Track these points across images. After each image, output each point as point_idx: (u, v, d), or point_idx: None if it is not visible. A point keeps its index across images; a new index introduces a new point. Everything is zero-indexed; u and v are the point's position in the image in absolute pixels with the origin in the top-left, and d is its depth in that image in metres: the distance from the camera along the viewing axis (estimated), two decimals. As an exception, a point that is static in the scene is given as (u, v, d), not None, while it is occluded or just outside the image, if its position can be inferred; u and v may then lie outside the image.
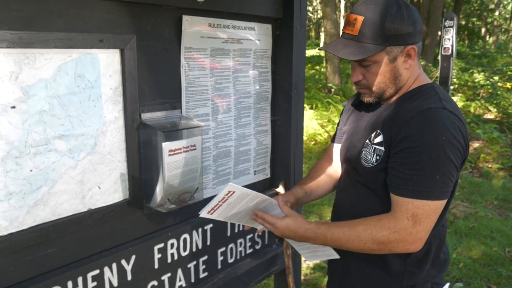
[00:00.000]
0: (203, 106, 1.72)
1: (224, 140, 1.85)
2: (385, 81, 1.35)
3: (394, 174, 1.28)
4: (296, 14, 1.94)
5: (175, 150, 1.50)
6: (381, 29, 1.27)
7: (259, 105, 1.99)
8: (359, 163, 1.40)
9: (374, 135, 1.37)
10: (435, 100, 1.30)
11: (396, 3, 1.29)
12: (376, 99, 1.40)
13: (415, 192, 1.23)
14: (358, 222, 1.29)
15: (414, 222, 1.23)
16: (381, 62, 1.31)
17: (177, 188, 1.55)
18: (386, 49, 1.29)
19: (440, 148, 1.22)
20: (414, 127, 1.25)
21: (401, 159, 1.26)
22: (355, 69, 1.37)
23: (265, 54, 1.96)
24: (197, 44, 1.65)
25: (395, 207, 1.26)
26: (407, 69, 1.35)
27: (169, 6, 1.53)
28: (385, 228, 1.24)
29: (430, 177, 1.22)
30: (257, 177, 2.05)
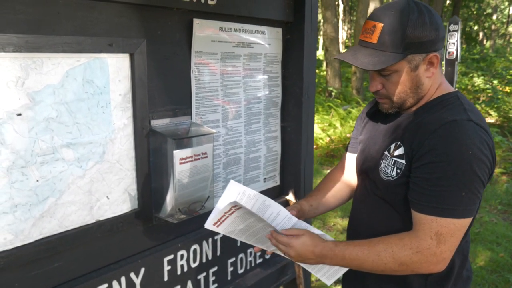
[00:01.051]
0: (213, 112, 1.67)
1: (234, 147, 1.79)
2: (406, 91, 1.27)
3: (416, 190, 1.20)
4: (308, 18, 1.90)
5: (186, 158, 1.45)
6: (402, 37, 1.20)
7: (269, 110, 1.93)
8: (378, 175, 1.34)
9: (394, 147, 1.30)
10: (460, 111, 1.23)
11: (418, 9, 1.21)
12: (396, 109, 1.33)
13: (439, 209, 1.15)
14: (378, 240, 1.21)
15: (438, 241, 1.16)
16: (402, 71, 1.24)
17: (188, 198, 1.49)
18: (407, 57, 1.22)
19: (467, 163, 1.14)
20: (438, 140, 1.17)
21: (423, 174, 1.18)
22: (374, 78, 1.30)
23: (275, 59, 1.91)
24: (208, 48, 1.59)
25: (418, 225, 1.19)
26: (429, 77, 1.28)
27: (180, 9, 1.47)
28: (407, 248, 1.17)
29: (455, 194, 1.15)
30: (266, 184, 2.00)
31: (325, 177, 1.69)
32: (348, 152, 1.66)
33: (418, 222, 1.19)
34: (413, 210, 1.21)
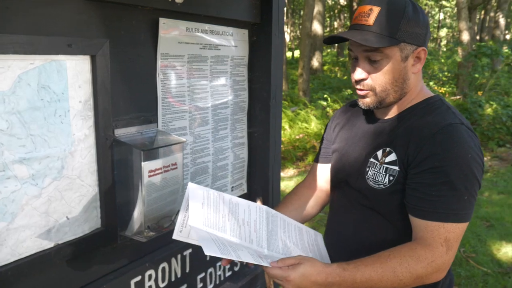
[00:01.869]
0: (180, 119, 1.55)
1: (202, 155, 1.68)
2: (392, 82, 1.22)
3: (418, 197, 1.16)
4: (275, 19, 1.82)
5: (156, 170, 1.32)
6: (398, 23, 1.17)
7: (236, 116, 1.84)
8: (365, 184, 1.28)
9: (383, 154, 1.26)
10: (450, 114, 1.22)
11: (412, 4, 1.21)
12: (377, 104, 1.27)
13: (446, 215, 1.13)
14: (389, 255, 1.13)
15: (447, 248, 1.13)
16: (393, 59, 1.20)
17: (157, 213, 1.37)
18: (400, 45, 1.19)
19: (467, 166, 1.13)
20: (438, 145, 1.15)
21: (426, 179, 1.15)
22: (361, 65, 1.24)
23: (242, 62, 1.82)
24: (174, 50, 1.47)
25: (424, 232, 1.15)
26: (415, 74, 1.26)
27: (145, 8, 1.34)
28: (423, 259, 1.11)
29: (459, 198, 1.13)
30: (234, 193, 1.90)
31: (291, 192, 1.61)
32: (319, 163, 1.59)
33: (424, 229, 1.15)
34: (416, 217, 1.17)
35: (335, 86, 13.01)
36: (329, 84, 13.47)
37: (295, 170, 6.45)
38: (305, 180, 1.63)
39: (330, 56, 27.51)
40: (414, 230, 1.19)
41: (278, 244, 1.22)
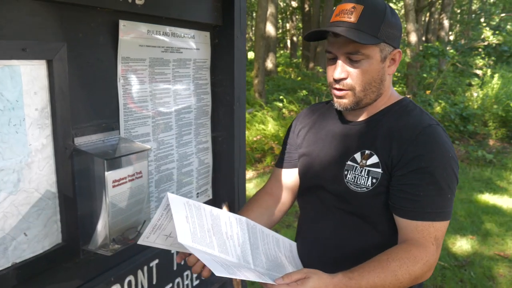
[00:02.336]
0: (143, 125, 1.49)
1: (166, 162, 1.62)
2: (371, 82, 1.23)
3: (406, 198, 1.18)
4: (237, 21, 1.79)
5: (120, 180, 1.26)
6: (381, 22, 1.18)
7: (200, 120, 1.80)
8: (344, 188, 1.27)
9: (362, 156, 1.26)
10: (425, 116, 1.26)
11: (389, 7, 1.23)
12: (354, 105, 1.26)
13: (434, 214, 1.16)
14: (387, 259, 1.12)
15: (437, 246, 1.16)
16: (373, 59, 1.20)
17: (123, 224, 1.30)
18: (380, 45, 1.20)
19: (449, 166, 1.18)
20: (422, 146, 1.17)
21: (412, 180, 1.17)
22: (341, 64, 1.22)
23: (204, 65, 1.78)
24: (135, 54, 1.42)
25: (415, 233, 1.17)
26: (390, 75, 1.28)
27: (104, 9, 1.28)
28: (419, 260, 1.13)
29: (444, 197, 1.17)
30: (199, 199, 1.85)
31: (251, 198, 1.55)
32: (283, 169, 1.56)
33: (414, 230, 1.17)
34: (405, 218, 1.18)
35: (290, 87, 13.12)
36: (284, 86, 13.56)
37: (254, 172, 6.44)
38: (266, 186, 1.59)
39: (283, 57, 27.80)
40: (403, 232, 1.20)
41: (261, 258, 1.18)
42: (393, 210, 1.22)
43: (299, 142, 1.50)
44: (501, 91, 9.50)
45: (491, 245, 4.02)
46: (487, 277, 3.46)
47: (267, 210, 1.50)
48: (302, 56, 21.14)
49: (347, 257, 1.28)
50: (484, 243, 4.05)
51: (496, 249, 3.95)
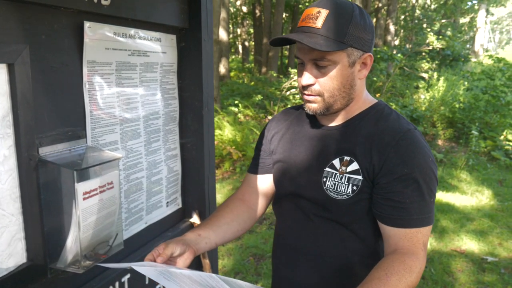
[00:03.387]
0: (111, 133, 1.41)
1: (136, 171, 1.55)
2: (340, 88, 1.21)
3: (392, 206, 1.16)
4: (204, 24, 1.74)
5: (91, 191, 1.18)
6: (346, 27, 1.15)
7: (168, 126, 1.73)
8: (324, 195, 1.24)
9: (341, 163, 1.23)
10: (402, 120, 1.25)
11: (359, 8, 1.20)
12: (324, 111, 1.25)
13: (420, 220, 1.15)
14: (386, 274, 1.07)
15: (424, 251, 1.16)
16: (341, 64, 1.18)
17: (94, 239, 1.22)
18: (347, 50, 1.18)
19: (430, 170, 1.17)
20: (404, 152, 1.16)
21: (397, 188, 1.15)
22: (308, 70, 1.20)
23: (171, 69, 1.71)
24: (102, 57, 1.34)
25: (404, 241, 1.15)
26: (361, 80, 1.26)
27: (68, 9, 1.20)
28: (414, 269, 1.11)
29: (428, 202, 1.16)
30: (169, 209, 1.78)
31: (223, 204, 1.49)
32: (257, 175, 1.52)
33: (403, 237, 1.15)
34: (393, 226, 1.17)
35: (244, 92, 13.12)
36: (238, 90, 13.55)
37: (213, 178, 6.36)
38: (238, 192, 1.55)
39: (235, 62, 27.84)
40: (392, 240, 1.18)
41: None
42: (380, 219, 1.20)
43: (273, 148, 1.47)
44: (447, 93, 9.95)
45: (448, 242, 4.17)
46: (446, 273, 3.58)
47: (238, 217, 1.46)
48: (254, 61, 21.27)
49: (330, 264, 1.26)
50: (441, 240, 4.19)
51: (453, 246, 4.10)
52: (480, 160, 7.13)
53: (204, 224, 1.38)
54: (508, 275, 3.58)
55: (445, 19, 22.86)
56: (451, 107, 9.05)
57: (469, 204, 5.25)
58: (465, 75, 10.77)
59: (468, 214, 4.92)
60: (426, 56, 13.63)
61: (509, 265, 3.74)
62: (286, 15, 26.16)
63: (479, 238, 4.28)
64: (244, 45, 28.00)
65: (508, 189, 5.81)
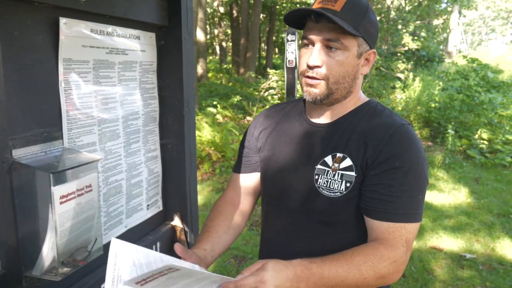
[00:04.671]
0: (89, 134, 1.35)
1: (115, 173, 1.49)
2: (345, 76, 1.19)
3: (378, 198, 1.14)
4: (184, 21, 1.70)
5: (68, 195, 1.12)
6: (363, 17, 1.16)
7: (148, 127, 1.68)
8: (316, 193, 1.22)
9: (334, 160, 1.21)
10: (396, 116, 1.25)
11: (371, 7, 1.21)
12: (324, 97, 1.22)
13: (406, 215, 1.13)
14: (352, 253, 1.09)
15: (407, 248, 1.13)
16: (350, 52, 1.18)
17: (72, 245, 1.17)
18: (359, 39, 1.18)
19: (421, 166, 1.16)
20: (396, 146, 1.15)
21: (386, 180, 1.13)
22: (318, 51, 1.18)
23: (150, 68, 1.67)
24: (78, 55, 1.28)
25: (385, 234, 1.13)
26: (362, 75, 1.26)
27: (42, 4, 1.14)
28: (386, 258, 1.09)
29: (416, 198, 1.15)
30: (150, 211, 1.73)
31: (214, 211, 1.46)
32: (241, 174, 1.49)
33: (386, 231, 1.13)
34: (377, 219, 1.15)
35: (223, 93, 13.07)
36: (216, 91, 13.48)
37: (192, 179, 6.29)
38: (225, 195, 1.52)
39: (213, 63, 27.73)
40: (374, 232, 1.16)
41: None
42: (364, 212, 1.19)
43: (260, 145, 1.44)
44: (423, 93, 10.11)
45: (427, 240, 4.22)
46: (426, 271, 3.61)
47: (234, 224, 1.44)
48: (232, 62, 21.21)
49: None
50: (420, 238, 4.23)
51: (432, 243, 4.15)
52: (456, 158, 7.26)
53: (205, 238, 1.35)
54: (486, 271, 3.63)
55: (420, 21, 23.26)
56: (427, 107, 9.20)
57: (446, 202, 5.32)
58: (440, 75, 10.96)
59: (445, 212, 4.99)
60: (402, 56, 13.84)
61: (486, 262, 3.80)
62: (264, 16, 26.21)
63: (457, 235, 4.35)
64: (222, 46, 27.91)
65: (483, 187, 5.92)
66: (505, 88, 8.76)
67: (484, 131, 8.08)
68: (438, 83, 10.89)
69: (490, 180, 6.25)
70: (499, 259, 3.86)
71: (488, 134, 7.96)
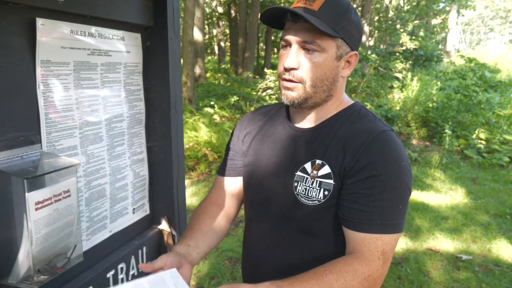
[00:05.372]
0: (69, 137, 1.32)
1: (98, 177, 1.46)
2: (323, 79, 1.14)
3: (355, 208, 1.09)
4: (170, 22, 1.67)
5: (44, 201, 1.09)
6: (342, 17, 1.11)
7: (133, 130, 1.65)
8: (295, 200, 1.18)
9: (313, 167, 1.17)
10: (378, 122, 1.19)
11: (354, 8, 1.17)
12: (302, 101, 1.17)
13: (383, 226, 1.07)
14: (324, 271, 1.04)
15: (384, 260, 1.07)
16: (328, 54, 1.13)
17: (49, 252, 1.14)
18: (338, 40, 1.13)
19: (402, 175, 1.10)
20: (375, 153, 1.09)
21: (363, 189, 1.08)
22: (294, 52, 1.14)
23: (136, 69, 1.63)
24: (57, 57, 1.25)
25: (361, 246, 1.08)
26: (343, 78, 1.21)
27: (18, 4, 1.11)
28: (359, 274, 1.04)
29: (395, 208, 1.09)
30: (136, 215, 1.70)
31: (199, 211, 1.43)
32: (226, 177, 1.45)
33: (361, 242, 1.08)
34: (353, 230, 1.09)
35: (220, 93, 13.04)
36: (214, 91, 13.45)
37: (188, 180, 6.26)
38: (210, 197, 1.49)
39: (211, 63, 27.71)
40: (350, 244, 1.12)
41: None
42: (342, 222, 1.14)
43: (245, 149, 1.41)
44: (421, 93, 10.08)
45: (423, 241, 4.19)
46: (422, 272, 3.58)
47: (219, 223, 1.41)
48: (230, 62, 21.17)
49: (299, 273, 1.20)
50: (416, 239, 4.21)
51: (428, 244, 4.12)
52: (453, 158, 7.24)
53: (190, 235, 1.32)
54: (482, 273, 3.61)
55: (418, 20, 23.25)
56: (425, 107, 9.17)
57: (443, 203, 5.30)
58: (438, 75, 10.94)
59: (442, 212, 4.97)
60: (400, 56, 13.81)
61: (483, 263, 3.78)
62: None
63: (454, 236, 4.32)
64: (220, 46, 27.88)
65: (481, 187, 5.90)
66: (502, 88, 8.74)
67: (481, 130, 8.06)
68: (436, 83, 10.86)
69: (488, 180, 6.23)
70: (495, 260, 3.84)
71: (486, 134, 7.94)
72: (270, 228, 1.26)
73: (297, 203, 1.18)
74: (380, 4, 24.98)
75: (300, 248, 1.20)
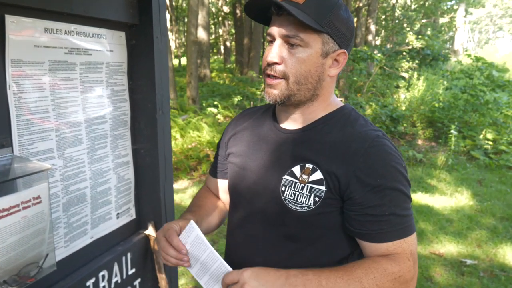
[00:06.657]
0: (44, 140, 1.26)
1: (76, 181, 1.40)
2: (307, 76, 1.09)
3: (371, 221, 1.06)
4: (156, 20, 1.61)
5: (10, 208, 1.03)
6: (328, 12, 1.05)
7: (117, 131, 1.59)
8: (282, 206, 1.12)
9: (302, 171, 1.11)
10: (369, 125, 1.15)
11: (345, 5, 1.11)
12: (285, 98, 1.12)
13: (402, 230, 1.06)
14: (353, 265, 1.03)
15: (413, 261, 1.06)
16: (313, 50, 1.07)
17: (18, 261, 1.08)
18: (324, 36, 1.07)
19: (403, 177, 1.08)
20: (375, 161, 1.06)
21: (373, 201, 1.05)
22: (277, 47, 1.08)
23: (120, 68, 1.57)
24: (30, 56, 1.19)
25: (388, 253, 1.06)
26: (330, 77, 1.14)
27: (-16, 1, 1.05)
28: (390, 274, 1.01)
29: (407, 210, 1.08)
30: (120, 220, 1.64)
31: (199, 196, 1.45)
32: (218, 179, 1.42)
33: (387, 251, 1.06)
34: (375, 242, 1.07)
35: (225, 92, 12.98)
36: (218, 91, 13.39)
37: (190, 181, 6.21)
38: (203, 190, 1.49)
39: (217, 63, 27.67)
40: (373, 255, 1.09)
41: None
42: (359, 236, 1.10)
43: (229, 151, 1.35)
44: (427, 92, 9.95)
45: (426, 245, 4.09)
46: (425, 277, 3.49)
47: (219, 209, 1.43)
48: (236, 62, 21.12)
49: None
50: (419, 243, 4.11)
51: (432, 248, 4.03)
52: (459, 159, 7.12)
53: (192, 212, 1.33)
54: (487, 278, 3.51)
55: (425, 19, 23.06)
56: (431, 107, 9.04)
57: (448, 205, 5.19)
58: (445, 74, 10.80)
59: (447, 215, 4.86)
60: (406, 55, 13.67)
61: (488, 268, 3.68)
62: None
63: (458, 240, 4.22)
64: (226, 46, 27.83)
65: (487, 189, 5.78)
66: (510, 87, 8.59)
67: (489, 131, 7.92)
68: (442, 82, 10.72)
69: (494, 182, 6.11)
70: (501, 265, 3.73)
71: (493, 134, 7.81)
72: (252, 232, 1.20)
73: (283, 209, 1.12)
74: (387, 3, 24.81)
75: (283, 255, 1.14)
